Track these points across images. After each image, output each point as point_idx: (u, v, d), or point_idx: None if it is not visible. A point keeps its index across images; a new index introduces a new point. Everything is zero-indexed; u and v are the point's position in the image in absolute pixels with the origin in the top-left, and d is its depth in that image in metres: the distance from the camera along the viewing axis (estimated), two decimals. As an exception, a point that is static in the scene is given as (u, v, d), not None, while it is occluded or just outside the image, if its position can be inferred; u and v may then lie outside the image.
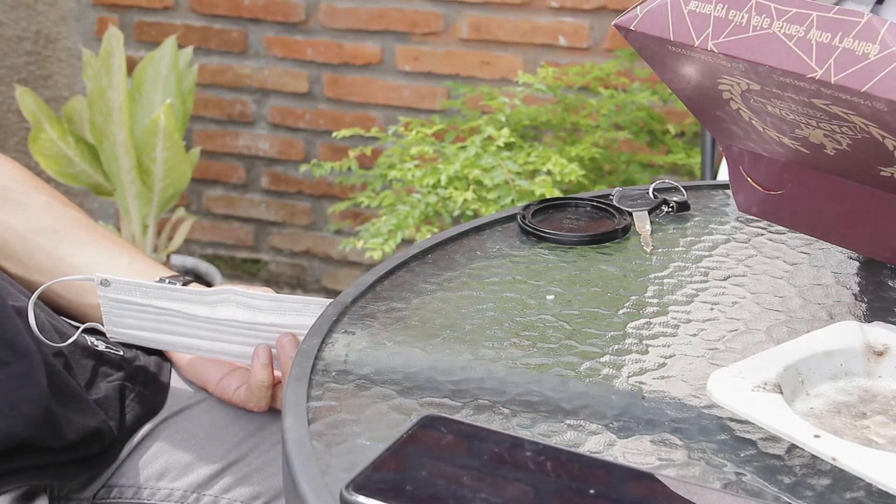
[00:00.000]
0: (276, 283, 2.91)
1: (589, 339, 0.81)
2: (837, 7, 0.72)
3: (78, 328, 1.07)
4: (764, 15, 0.75)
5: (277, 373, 1.05)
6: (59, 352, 1.03)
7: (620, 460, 0.67)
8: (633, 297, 0.87)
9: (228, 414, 1.10)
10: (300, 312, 1.00)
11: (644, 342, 0.80)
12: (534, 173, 2.07)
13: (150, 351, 1.12)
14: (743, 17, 0.76)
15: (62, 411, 1.00)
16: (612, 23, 0.83)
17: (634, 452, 0.68)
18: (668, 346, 0.80)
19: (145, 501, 1.07)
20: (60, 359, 1.03)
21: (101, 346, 1.08)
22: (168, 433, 1.09)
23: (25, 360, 0.98)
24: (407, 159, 2.12)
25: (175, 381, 1.13)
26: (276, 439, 1.09)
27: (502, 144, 2.07)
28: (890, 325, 0.78)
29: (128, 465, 1.08)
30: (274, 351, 1.03)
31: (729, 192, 1.04)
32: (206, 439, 1.09)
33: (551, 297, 0.87)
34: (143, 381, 1.10)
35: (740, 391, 0.70)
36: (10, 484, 0.98)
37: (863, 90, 0.70)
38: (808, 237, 0.96)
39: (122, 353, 1.10)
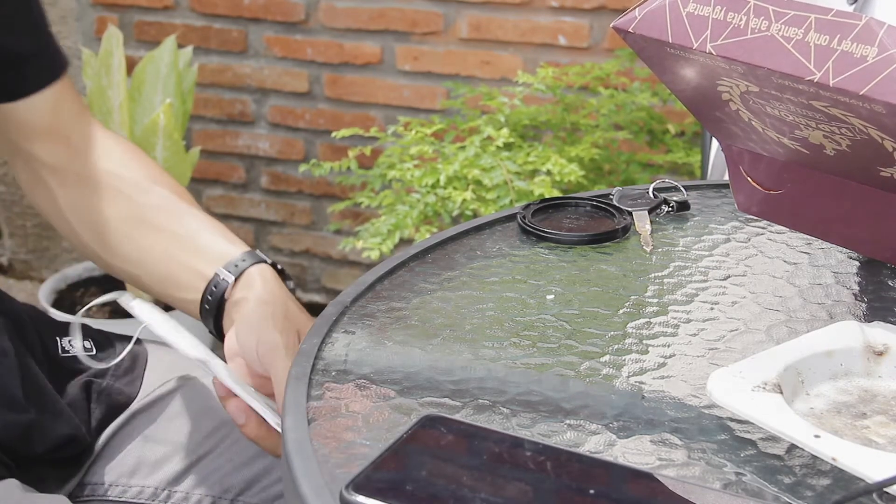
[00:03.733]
0: (275, 282, 2.91)
1: (589, 338, 0.81)
2: (836, 10, 0.72)
3: (70, 324, 1.08)
4: (762, 17, 0.75)
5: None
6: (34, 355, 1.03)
7: (620, 460, 0.67)
8: (633, 297, 0.87)
9: (197, 407, 1.10)
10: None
11: (644, 342, 0.81)
12: (533, 173, 2.07)
13: (123, 342, 1.12)
14: (741, 20, 0.76)
15: (38, 418, 1.00)
16: (611, 25, 0.83)
17: (634, 452, 0.68)
18: (668, 345, 0.80)
19: (117, 499, 1.07)
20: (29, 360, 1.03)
21: (76, 350, 1.08)
22: (138, 428, 1.09)
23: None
24: (406, 159, 2.12)
25: (148, 372, 1.12)
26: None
27: (501, 144, 2.07)
28: (890, 325, 0.78)
29: (99, 462, 1.08)
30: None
31: (729, 191, 1.04)
32: (176, 434, 1.09)
33: (551, 296, 0.87)
34: (113, 373, 1.10)
35: (740, 391, 0.70)
36: None
37: (861, 93, 0.70)
38: (808, 237, 0.96)
39: (95, 353, 1.10)
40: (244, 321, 1.00)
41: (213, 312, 1.03)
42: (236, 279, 1.02)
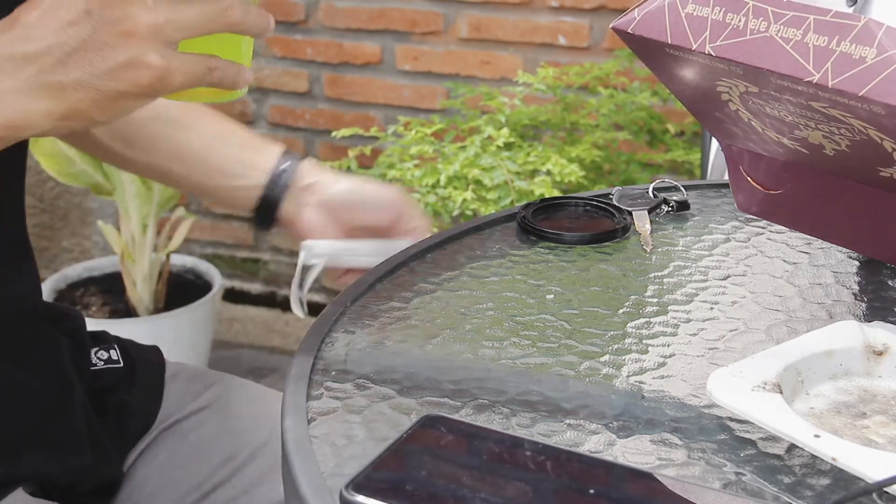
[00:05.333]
0: (275, 282, 2.91)
1: (589, 338, 0.81)
2: (835, 10, 0.72)
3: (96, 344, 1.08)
4: (761, 18, 0.75)
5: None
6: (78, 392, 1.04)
7: (620, 460, 0.67)
8: (632, 297, 0.87)
9: (217, 432, 1.10)
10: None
11: (644, 342, 0.81)
12: (533, 173, 2.07)
13: (146, 356, 1.12)
14: (740, 21, 0.76)
15: (92, 462, 1.01)
16: (610, 25, 0.83)
17: (634, 452, 0.68)
18: (668, 345, 0.80)
19: None
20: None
21: (101, 364, 1.08)
22: (160, 451, 1.09)
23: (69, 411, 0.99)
24: (406, 159, 2.12)
25: (167, 389, 1.12)
26: (261, 460, 1.09)
27: (502, 144, 2.07)
28: (890, 325, 0.78)
29: (124, 486, 1.08)
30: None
31: (729, 191, 1.05)
32: (195, 458, 1.09)
33: (551, 296, 0.87)
34: (140, 387, 1.10)
35: (740, 391, 0.70)
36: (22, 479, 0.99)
37: (860, 94, 0.70)
38: (808, 237, 0.97)
39: (121, 363, 1.10)
40: (340, 194, 1.11)
41: (273, 199, 1.11)
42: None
